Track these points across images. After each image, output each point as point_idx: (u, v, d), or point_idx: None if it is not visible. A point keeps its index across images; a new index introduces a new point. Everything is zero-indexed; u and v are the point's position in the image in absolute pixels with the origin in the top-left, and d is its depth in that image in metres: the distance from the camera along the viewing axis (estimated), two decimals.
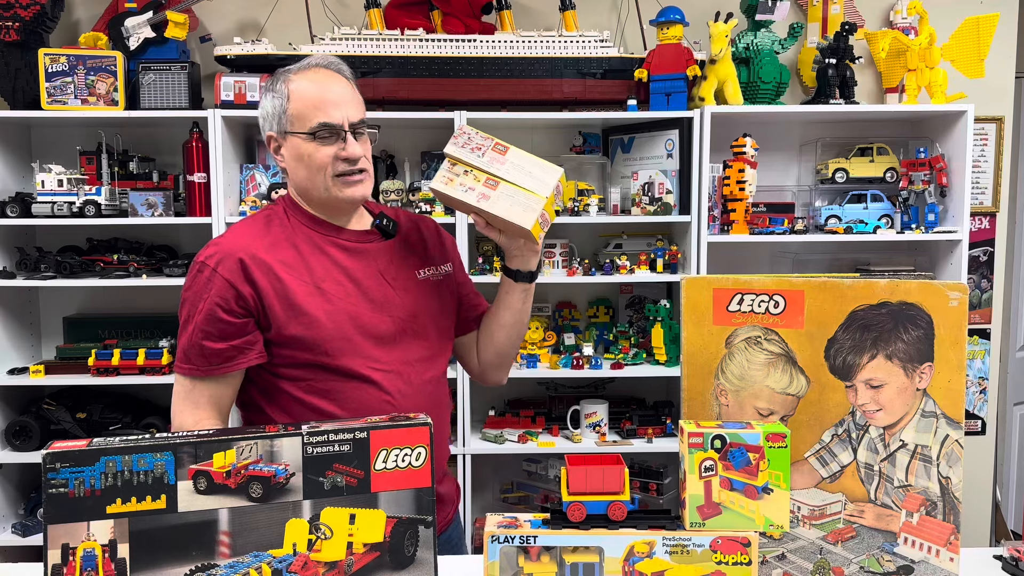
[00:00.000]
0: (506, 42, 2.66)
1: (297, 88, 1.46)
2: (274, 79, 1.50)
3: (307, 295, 1.43)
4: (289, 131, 1.47)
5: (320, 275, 1.46)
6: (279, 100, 1.47)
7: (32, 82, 2.61)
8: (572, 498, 1.07)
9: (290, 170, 1.50)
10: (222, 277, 1.40)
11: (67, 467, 0.99)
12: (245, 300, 1.40)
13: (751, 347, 1.24)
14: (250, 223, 1.52)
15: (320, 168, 1.45)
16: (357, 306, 1.46)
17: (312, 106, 1.44)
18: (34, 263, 2.63)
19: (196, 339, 1.42)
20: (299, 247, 1.47)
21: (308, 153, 1.45)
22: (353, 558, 1.06)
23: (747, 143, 2.63)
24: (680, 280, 1.27)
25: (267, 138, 1.51)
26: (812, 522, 1.24)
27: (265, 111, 1.50)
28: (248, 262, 1.41)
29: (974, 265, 3.05)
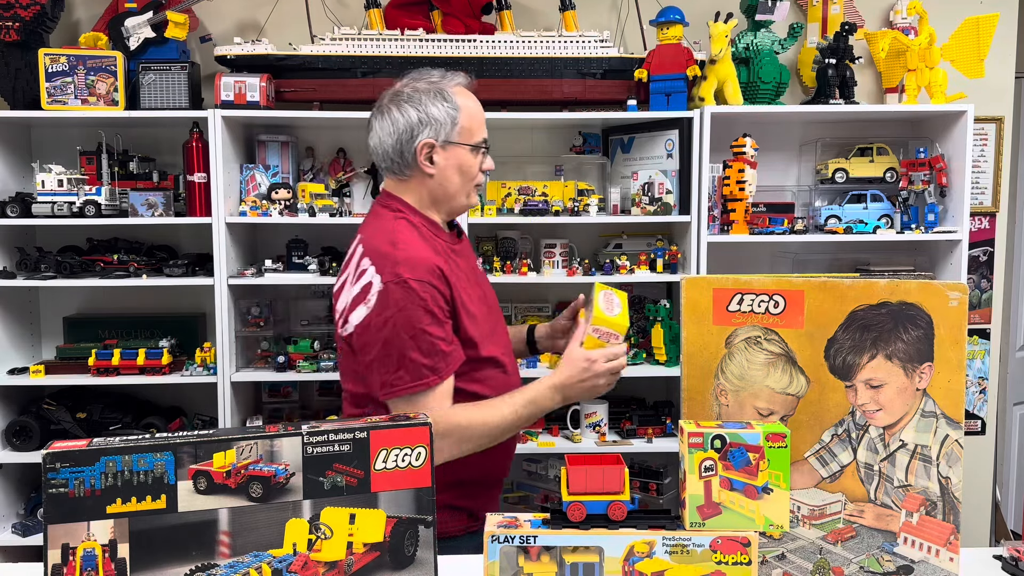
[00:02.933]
0: (506, 42, 2.66)
1: (465, 104, 1.59)
2: (437, 90, 1.57)
3: (467, 297, 1.57)
4: (455, 141, 1.57)
5: (461, 277, 1.58)
6: (452, 111, 1.56)
7: (32, 82, 2.61)
8: (572, 498, 1.07)
9: (441, 177, 1.58)
10: (430, 284, 1.47)
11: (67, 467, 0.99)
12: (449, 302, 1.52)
13: (751, 347, 1.24)
14: (405, 232, 1.55)
15: (472, 178, 1.61)
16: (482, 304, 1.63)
17: (479, 123, 1.61)
18: (34, 263, 2.63)
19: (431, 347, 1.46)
20: (441, 254, 1.57)
21: (469, 164, 1.60)
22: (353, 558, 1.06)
23: (747, 143, 2.63)
24: (680, 280, 1.27)
25: (424, 144, 1.56)
26: (812, 522, 1.24)
27: (432, 117, 1.55)
28: (443, 268, 1.51)
29: (974, 265, 3.05)
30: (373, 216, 1.65)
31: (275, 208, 2.64)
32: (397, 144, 1.58)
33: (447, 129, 1.56)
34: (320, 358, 2.66)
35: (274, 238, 2.88)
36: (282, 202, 2.65)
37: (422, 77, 1.61)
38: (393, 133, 1.58)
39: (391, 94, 1.62)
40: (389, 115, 1.59)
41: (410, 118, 1.56)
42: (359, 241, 1.60)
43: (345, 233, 2.87)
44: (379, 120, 1.61)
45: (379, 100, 1.65)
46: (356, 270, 1.53)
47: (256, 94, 2.57)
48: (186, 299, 2.91)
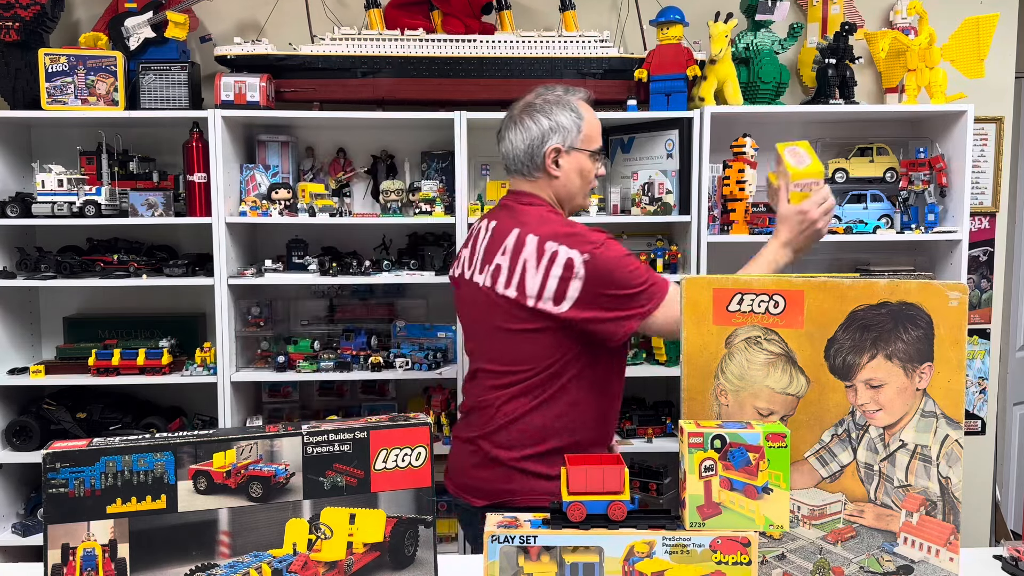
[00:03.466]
0: (506, 42, 2.66)
1: (587, 115, 1.80)
2: (563, 101, 1.80)
3: None
4: (578, 147, 1.79)
5: None
6: (578, 120, 1.78)
7: (32, 82, 2.61)
8: (572, 498, 1.07)
9: (565, 179, 1.80)
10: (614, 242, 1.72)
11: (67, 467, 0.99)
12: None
13: (751, 347, 1.24)
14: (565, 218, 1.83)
15: (589, 182, 1.84)
16: None
17: (598, 132, 1.82)
18: (34, 263, 2.63)
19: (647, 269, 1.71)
20: None
21: (588, 169, 1.82)
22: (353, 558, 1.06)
23: (747, 143, 2.63)
24: (680, 280, 1.27)
25: (552, 149, 1.78)
26: (812, 522, 1.24)
27: (560, 126, 1.77)
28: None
29: (974, 265, 3.05)
30: (520, 211, 1.80)
31: (275, 208, 2.64)
32: (528, 149, 1.79)
33: (572, 136, 1.78)
34: (320, 358, 2.66)
35: (274, 238, 2.88)
36: (282, 202, 2.65)
37: (549, 92, 1.83)
38: (526, 139, 1.79)
39: (523, 105, 1.83)
40: (522, 123, 1.80)
41: (541, 125, 1.78)
42: (523, 232, 1.74)
43: (345, 233, 2.88)
44: (512, 129, 1.82)
45: (510, 111, 1.86)
46: (541, 256, 1.69)
47: (256, 94, 2.57)
48: (186, 299, 2.91)
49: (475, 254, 1.86)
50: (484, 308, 1.80)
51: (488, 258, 1.80)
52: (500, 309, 1.75)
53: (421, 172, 2.88)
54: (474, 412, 1.85)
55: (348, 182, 2.84)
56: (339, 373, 2.66)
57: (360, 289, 2.90)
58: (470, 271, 1.86)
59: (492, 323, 1.79)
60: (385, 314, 2.90)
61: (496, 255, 1.77)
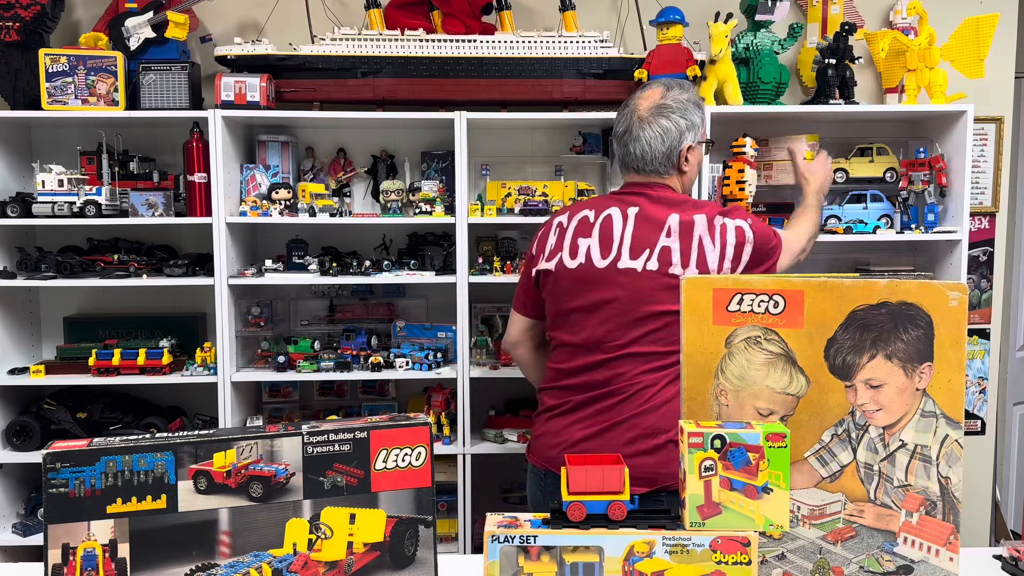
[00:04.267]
0: (506, 42, 2.66)
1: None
2: (694, 99, 1.89)
3: None
4: (701, 141, 1.91)
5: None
6: (704, 115, 1.91)
7: (32, 82, 2.61)
8: (572, 498, 1.07)
9: (691, 173, 1.92)
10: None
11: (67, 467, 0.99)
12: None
13: (751, 347, 1.24)
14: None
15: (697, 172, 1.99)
16: None
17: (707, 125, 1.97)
18: (34, 263, 2.63)
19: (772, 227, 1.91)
20: None
21: (701, 160, 1.96)
22: (353, 558, 1.06)
23: (747, 143, 2.63)
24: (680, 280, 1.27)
25: (687, 147, 1.87)
26: (812, 522, 1.24)
27: (694, 124, 1.87)
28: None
29: (974, 265, 3.05)
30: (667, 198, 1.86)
31: (275, 208, 2.64)
32: (668, 149, 1.85)
33: (700, 132, 1.88)
34: (320, 358, 2.66)
35: (274, 238, 2.88)
36: (282, 202, 2.65)
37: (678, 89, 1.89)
38: (666, 140, 1.85)
39: (655, 106, 1.87)
40: (659, 124, 1.85)
41: (679, 126, 1.85)
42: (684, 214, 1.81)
43: (345, 233, 2.88)
44: (647, 129, 1.86)
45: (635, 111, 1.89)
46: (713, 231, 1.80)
47: (256, 94, 2.57)
48: (186, 299, 2.91)
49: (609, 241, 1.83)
50: (639, 293, 1.79)
51: (644, 243, 1.80)
52: (671, 291, 1.75)
53: (421, 172, 2.88)
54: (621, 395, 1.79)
55: (348, 182, 2.84)
56: (339, 373, 2.66)
57: (360, 289, 2.90)
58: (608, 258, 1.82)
59: (651, 307, 1.78)
60: (385, 314, 2.90)
61: (659, 239, 1.80)
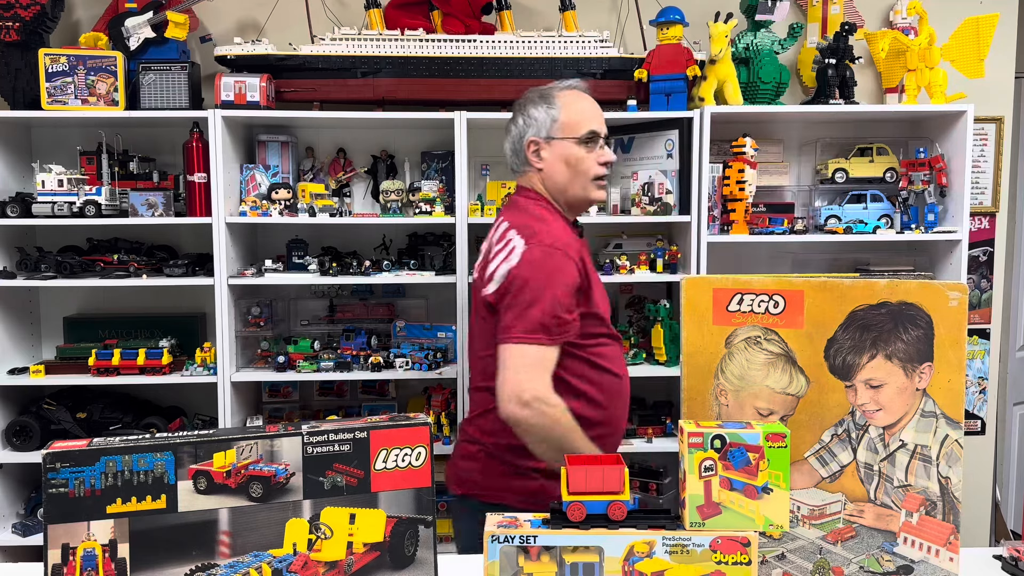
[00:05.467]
0: (506, 42, 2.66)
1: (567, 103, 1.78)
2: (545, 95, 1.81)
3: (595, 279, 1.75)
4: (557, 136, 1.77)
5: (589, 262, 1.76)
6: (553, 111, 1.77)
7: (32, 82, 2.61)
8: (572, 498, 1.07)
9: (549, 170, 1.79)
10: (574, 261, 1.66)
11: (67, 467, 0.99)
12: (581, 283, 1.67)
13: (751, 347, 1.24)
14: (548, 214, 1.77)
15: (586, 169, 1.77)
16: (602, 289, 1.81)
17: (586, 118, 1.78)
18: (34, 263, 2.63)
19: (554, 311, 1.60)
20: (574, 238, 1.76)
21: (576, 156, 1.77)
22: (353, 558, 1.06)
23: (747, 143, 2.63)
24: (680, 280, 1.27)
25: (530, 142, 1.80)
26: (812, 522, 1.24)
27: (533, 119, 1.79)
28: (573, 252, 1.67)
29: (974, 265, 3.05)
30: (514, 204, 1.85)
31: (275, 208, 2.64)
32: (513, 146, 1.85)
33: (547, 126, 1.78)
34: (320, 358, 2.66)
35: (274, 238, 2.88)
36: (282, 202, 2.65)
37: (535, 89, 1.86)
38: (511, 138, 1.85)
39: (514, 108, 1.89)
40: (509, 124, 1.86)
41: (518, 123, 1.83)
42: (504, 222, 1.78)
43: (345, 233, 2.88)
44: (506, 132, 1.88)
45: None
46: (502, 241, 1.72)
47: (256, 94, 2.57)
48: (186, 299, 2.91)
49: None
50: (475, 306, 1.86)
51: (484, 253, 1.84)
52: (476, 296, 1.81)
53: (421, 172, 2.88)
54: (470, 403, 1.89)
55: (348, 182, 2.84)
56: (339, 373, 2.66)
57: (360, 289, 2.90)
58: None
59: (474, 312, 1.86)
60: (385, 314, 2.90)
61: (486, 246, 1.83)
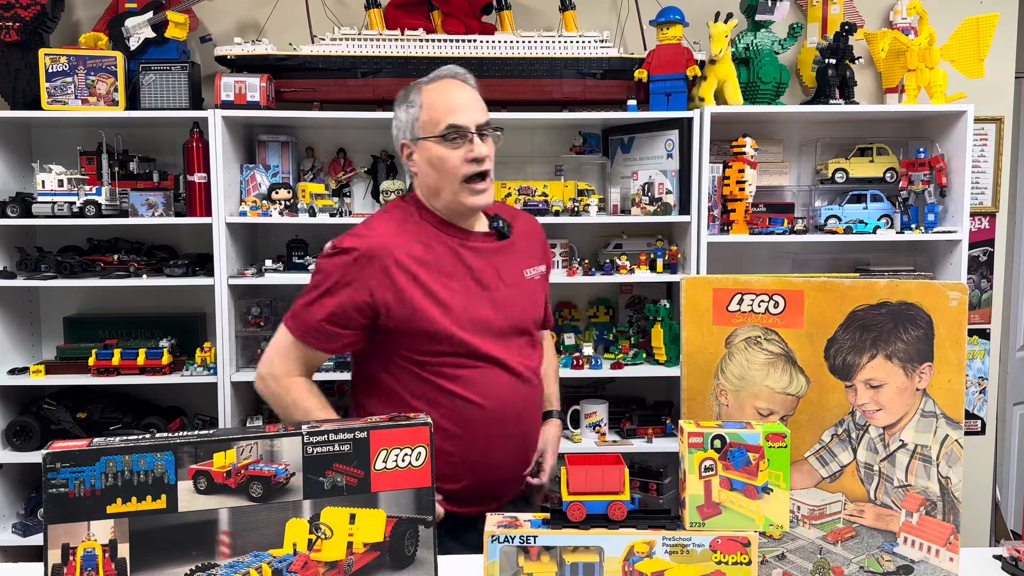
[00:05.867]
0: (506, 42, 2.66)
1: (426, 99, 1.62)
2: (407, 92, 1.67)
3: (440, 291, 1.57)
4: (421, 137, 1.61)
5: (449, 273, 1.60)
6: (413, 110, 1.63)
7: (32, 82, 2.61)
8: (572, 498, 1.07)
9: (421, 173, 1.65)
10: (364, 278, 1.54)
11: (67, 467, 0.99)
12: (375, 304, 1.55)
13: (751, 347, 1.24)
14: (387, 220, 1.66)
15: (452, 169, 1.59)
16: (479, 304, 1.61)
17: (444, 111, 1.59)
18: (34, 263, 2.63)
19: (317, 314, 1.57)
20: (431, 246, 1.61)
21: (440, 156, 1.59)
22: (353, 558, 1.06)
23: (747, 143, 2.63)
24: (680, 280, 1.27)
25: (400, 146, 1.68)
26: (812, 522, 1.24)
27: (399, 121, 1.66)
28: (389, 263, 1.55)
29: (974, 265, 3.05)
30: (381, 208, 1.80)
31: (275, 208, 2.64)
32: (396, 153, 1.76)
33: (410, 127, 1.64)
34: None
35: (274, 238, 2.88)
36: (282, 202, 2.65)
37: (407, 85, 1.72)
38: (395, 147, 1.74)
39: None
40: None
41: (392, 127, 1.71)
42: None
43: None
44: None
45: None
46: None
47: (256, 94, 2.57)
48: (186, 299, 2.91)
49: None
50: None
51: None
52: None
53: None
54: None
55: (348, 182, 2.84)
56: (339, 373, 2.65)
57: None
58: None
59: None
60: None
61: None
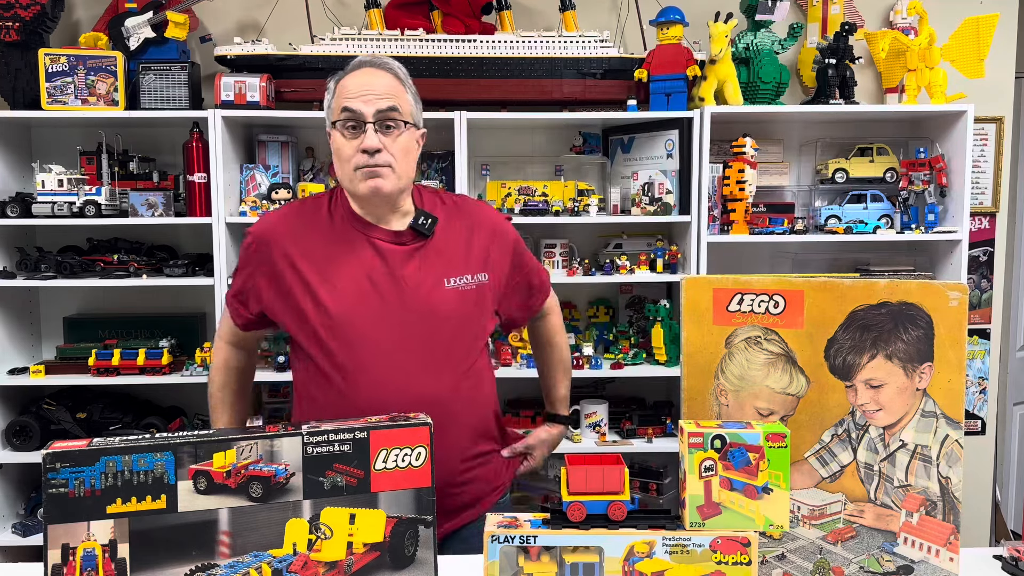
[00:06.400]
0: (506, 42, 2.66)
1: (339, 84, 1.52)
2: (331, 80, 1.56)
3: (318, 286, 1.49)
4: (331, 123, 1.52)
5: (337, 270, 1.50)
6: (328, 96, 1.54)
7: (32, 82, 2.61)
8: (572, 498, 1.07)
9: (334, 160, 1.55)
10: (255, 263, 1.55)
11: (67, 467, 0.99)
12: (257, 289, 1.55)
13: (751, 347, 1.24)
14: (292, 209, 1.62)
15: (346, 159, 1.48)
16: (364, 306, 1.48)
17: (342, 98, 1.48)
18: (34, 263, 2.63)
19: (232, 287, 1.62)
20: (330, 239, 1.53)
21: (336, 145, 1.50)
22: (353, 558, 1.06)
23: (747, 143, 2.63)
24: (680, 280, 1.27)
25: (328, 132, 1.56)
26: (812, 522, 1.24)
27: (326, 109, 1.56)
28: (275, 251, 1.52)
29: (974, 265, 3.05)
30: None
31: (275, 208, 2.64)
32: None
33: (328, 115, 1.55)
34: None
35: None
36: (282, 202, 2.65)
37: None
38: None
39: None
40: None
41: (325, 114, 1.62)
42: None
43: None
44: None
45: None
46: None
47: (256, 94, 2.57)
48: (186, 299, 2.91)
49: None
50: None
51: None
52: None
53: (421, 172, 2.88)
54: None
55: None
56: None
57: None
58: None
59: None
60: None
61: None
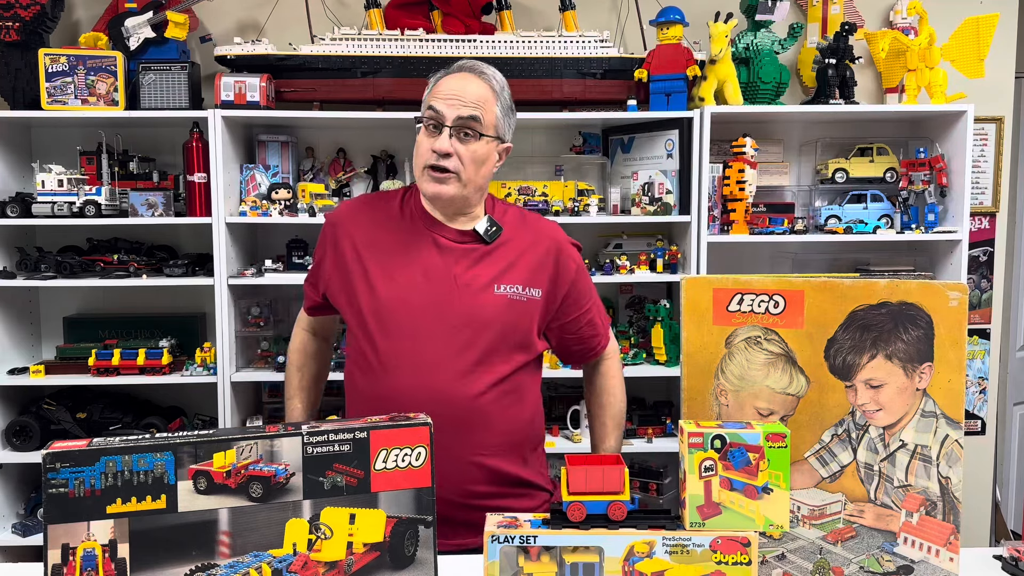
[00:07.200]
0: (506, 42, 2.66)
1: (436, 83, 1.57)
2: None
3: (375, 273, 1.54)
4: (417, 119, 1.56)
5: (396, 261, 1.55)
6: (426, 92, 1.58)
7: (32, 82, 2.61)
8: (572, 498, 1.07)
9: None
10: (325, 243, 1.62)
11: (67, 467, 0.99)
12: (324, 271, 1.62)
13: (751, 347, 1.24)
14: (373, 198, 1.70)
15: (420, 154, 1.53)
16: (412, 297, 1.52)
17: (433, 96, 1.53)
18: (34, 263, 2.63)
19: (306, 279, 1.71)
20: (395, 231, 1.58)
21: (419, 140, 1.54)
22: (353, 558, 1.06)
23: (747, 143, 2.63)
24: (680, 280, 1.27)
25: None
26: (812, 522, 1.24)
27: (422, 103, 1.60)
28: (341, 234, 1.59)
29: (974, 265, 3.05)
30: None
31: (275, 208, 2.64)
32: None
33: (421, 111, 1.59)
34: None
35: (274, 238, 2.88)
36: (282, 202, 2.65)
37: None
38: None
39: None
40: None
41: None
42: None
43: None
44: None
45: None
46: None
47: (256, 94, 2.57)
48: (186, 299, 2.91)
49: None
50: None
51: None
52: None
53: None
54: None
55: (348, 182, 2.84)
56: (339, 373, 2.65)
57: None
58: None
59: None
60: None
61: None
